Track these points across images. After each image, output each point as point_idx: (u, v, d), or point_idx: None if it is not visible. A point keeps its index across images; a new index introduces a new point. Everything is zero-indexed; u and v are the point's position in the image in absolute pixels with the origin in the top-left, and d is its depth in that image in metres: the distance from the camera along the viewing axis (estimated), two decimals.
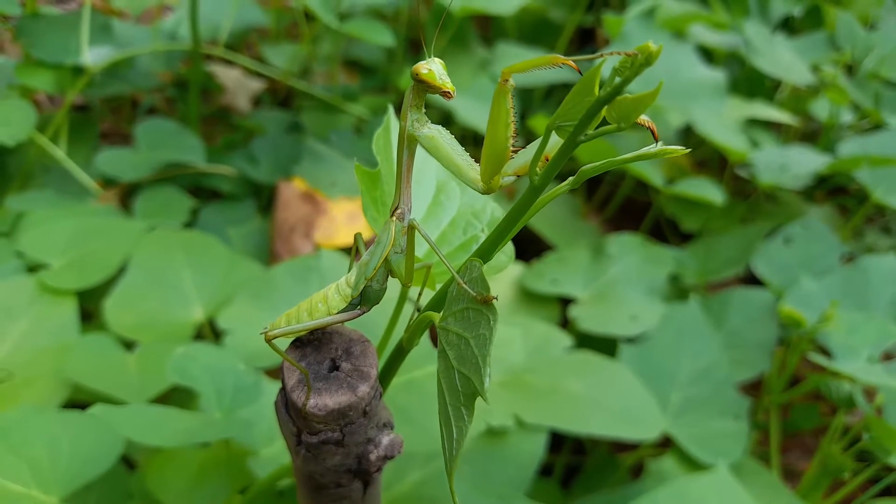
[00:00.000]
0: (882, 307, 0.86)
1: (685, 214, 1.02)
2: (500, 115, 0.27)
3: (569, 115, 0.25)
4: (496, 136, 0.28)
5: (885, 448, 0.75)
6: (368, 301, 0.34)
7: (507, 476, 0.63)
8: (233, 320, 0.70)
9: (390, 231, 0.32)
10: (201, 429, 0.47)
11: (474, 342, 0.25)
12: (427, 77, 0.29)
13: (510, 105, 0.27)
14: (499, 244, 0.29)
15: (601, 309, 0.82)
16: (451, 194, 0.38)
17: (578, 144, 0.25)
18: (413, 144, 0.31)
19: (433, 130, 0.31)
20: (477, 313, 0.26)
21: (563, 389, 0.69)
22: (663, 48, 0.89)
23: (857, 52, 1.32)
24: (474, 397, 0.25)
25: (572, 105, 0.25)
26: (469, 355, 0.25)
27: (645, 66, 0.23)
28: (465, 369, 0.25)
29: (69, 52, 0.99)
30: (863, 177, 1.01)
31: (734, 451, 0.74)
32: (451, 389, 0.26)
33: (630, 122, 0.25)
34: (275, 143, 1.02)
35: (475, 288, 0.26)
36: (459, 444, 0.26)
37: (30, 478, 0.55)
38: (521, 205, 0.28)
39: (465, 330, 0.26)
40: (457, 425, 0.26)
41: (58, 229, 0.83)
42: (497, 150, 0.28)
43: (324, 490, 0.39)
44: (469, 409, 0.25)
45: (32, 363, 0.72)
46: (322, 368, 0.35)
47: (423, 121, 0.31)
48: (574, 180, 0.28)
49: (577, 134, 0.25)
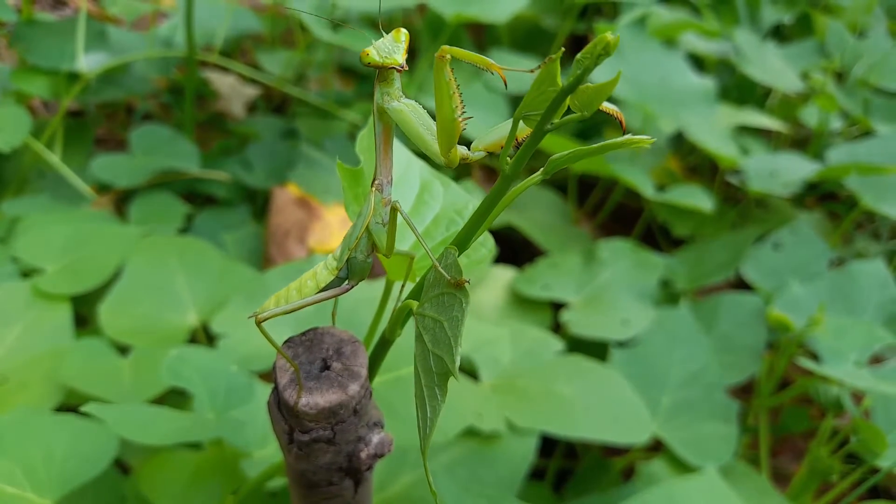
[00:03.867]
0: (869, 311, 0.87)
1: (676, 220, 1.03)
2: (442, 89, 0.29)
3: (534, 105, 0.26)
4: (442, 108, 0.29)
5: (873, 450, 0.75)
6: (355, 274, 0.35)
7: (497, 479, 0.63)
8: (227, 325, 0.71)
9: (370, 202, 0.33)
10: (193, 428, 0.47)
11: (447, 324, 0.26)
12: (368, 59, 0.30)
13: (449, 78, 0.29)
14: (475, 233, 0.30)
15: (592, 314, 0.83)
16: (434, 193, 0.39)
17: (546, 133, 0.26)
18: (385, 118, 0.32)
19: (403, 104, 0.32)
20: (451, 297, 0.27)
21: (555, 393, 0.70)
22: (653, 55, 0.90)
23: (846, 60, 1.34)
24: (447, 377, 0.26)
25: (536, 95, 0.26)
26: (443, 337, 0.26)
27: (604, 56, 0.24)
28: (438, 350, 0.27)
29: (64, 58, 1.00)
30: (852, 184, 1.02)
31: (724, 454, 0.75)
32: (426, 371, 0.27)
33: (593, 110, 0.26)
34: (269, 149, 1.02)
35: (450, 272, 0.28)
36: (433, 423, 0.27)
37: (24, 480, 0.56)
38: (494, 194, 0.29)
39: (440, 314, 0.27)
40: (431, 405, 0.27)
41: (53, 234, 0.84)
42: (446, 122, 0.29)
43: (316, 488, 0.39)
44: (442, 388, 0.27)
45: (27, 368, 0.73)
46: (314, 368, 0.35)
47: (395, 95, 0.32)
48: (545, 170, 0.29)
49: (545, 123, 0.26)
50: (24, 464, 0.56)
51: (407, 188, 0.39)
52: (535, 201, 1.03)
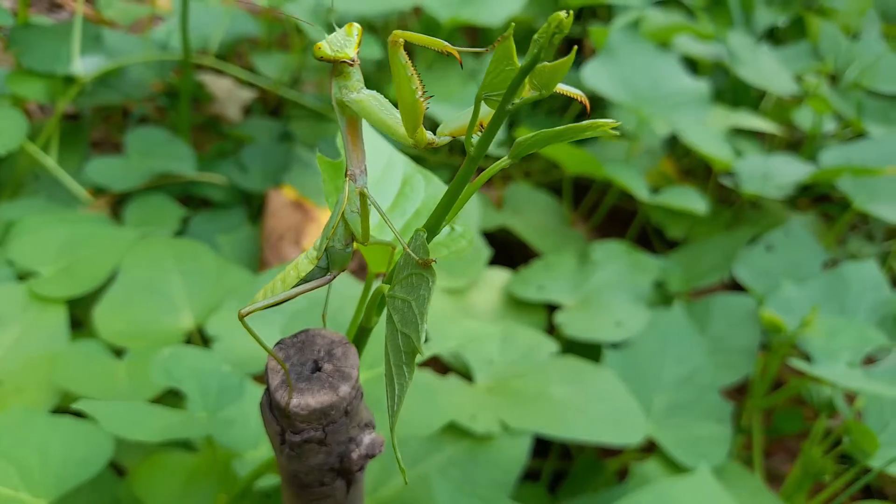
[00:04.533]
0: (862, 313, 0.88)
1: (670, 222, 1.03)
2: (399, 70, 0.29)
3: (494, 86, 0.27)
4: (401, 90, 0.30)
5: (865, 451, 0.76)
6: (335, 264, 0.36)
7: (491, 480, 0.63)
8: (222, 327, 0.71)
9: (345, 191, 0.33)
10: (184, 425, 0.48)
11: (415, 303, 0.27)
12: (320, 54, 0.31)
13: (405, 61, 0.29)
14: (445, 215, 0.31)
15: (587, 315, 0.83)
16: (416, 186, 0.40)
17: (508, 113, 0.27)
18: (347, 111, 0.33)
19: (363, 95, 0.32)
20: (419, 277, 0.28)
21: (549, 395, 0.70)
22: (647, 58, 0.91)
23: (839, 62, 1.35)
24: (414, 354, 0.27)
25: (495, 75, 0.26)
26: (410, 316, 0.27)
27: (559, 35, 0.24)
28: (406, 329, 0.27)
29: (60, 61, 1.00)
30: (844, 185, 1.03)
31: (718, 454, 0.75)
32: (395, 351, 0.28)
33: (551, 89, 0.26)
34: (265, 151, 1.03)
35: (418, 253, 0.28)
36: (401, 400, 0.29)
37: (19, 481, 0.56)
38: (462, 176, 0.30)
39: (409, 294, 0.28)
40: (398, 382, 0.29)
41: (48, 237, 0.84)
42: (407, 103, 0.30)
43: (308, 489, 0.39)
44: (409, 366, 0.27)
45: (22, 371, 0.73)
46: (305, 369, 0.36)
47: (354, 87, 0.32)
48: (511, 153, 0.29)
49: (506, 103, 0.27)
50: (19, 465, 0.56)
51: (389, 182, 0.40)
52: (530, 204, 1.03)
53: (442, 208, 0.31)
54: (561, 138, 0.28)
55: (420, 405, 0.49)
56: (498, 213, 1.02)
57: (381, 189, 0.40)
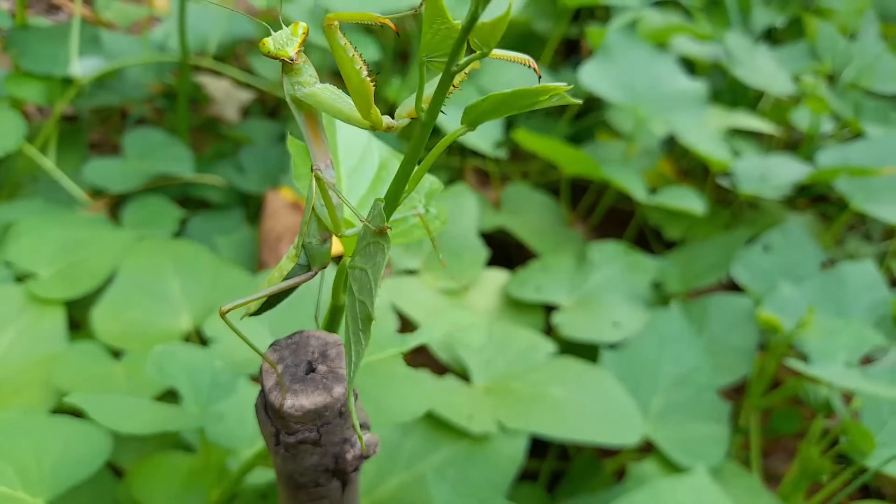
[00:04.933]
0: (859, 313, 0.88)
1: (668, 223, 1.03)
2: (340, 53, 0.29)
3: (434, 47, 0.27)
4: (346, 72, 0.30)
5: (862, 451, 0.76)
6: (315, 260, 0.36)
7: (488, 480, 0.64)
8: (219, 328, 0.71)
9: (312, 187, 0.34)
10: (175, 418, 0.48)
11: (370, 270, 0.27)
12: (265, 49, 0.31)
13: (344, 42, 0.29)
14: (403, 186, 0.31)
15: (584, 316, 0.83)
16: (391, 170, 0.40)
17: (454, 75, 0.27)
18: (303, 106, 0.33)
19: (315, 89, 0.32)
20: (375, 246, 0.28)
21: (546, 395, 0.70)
22: (644, 58, 0.91)
23: (837, 63, 1.35)
24: (370, 321, 0.27)
25: (431, 35, 0.26)
26: (366, 283, 0.28)
27: None
28: (363, 297, 0.28)
29: (58, 63, 1.00)
30: (842, 186, 1.03)
31: (715, 454, 0.75)
32: (353, 319, 0.29)
33: (492, 47, 0.26)
34: (263, 153, 1.03)
35: (374, 223, 0.28)
36: (357, 366, 0.29)
37: (16, 480, 0.56)
38: (415, 143, 0.30)
39: (366, 263, 0.28)
40: (355, 350, 0.29)
41: (46, 239, 0.84)
42: (355, 84, 0.30)
43: (303, 489, 0.39)
44: (366, 332, 0.28)
45: (21, 373, 0.73)
46: (299, 371, 0.36)
47: (307, 83, 0.32)
48: (464, 118, 0.29)
49: (451, 64, 0.26)
50: (16, 464, 0.56)
51: (366, 167, 0.41)
52: (527, 204, 1.04)
53: (399, 179, 0.31)
54: (514, 103, 0.27)
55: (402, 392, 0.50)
56: (496, 213, 1.02)
57: (359, 175, 0.40)
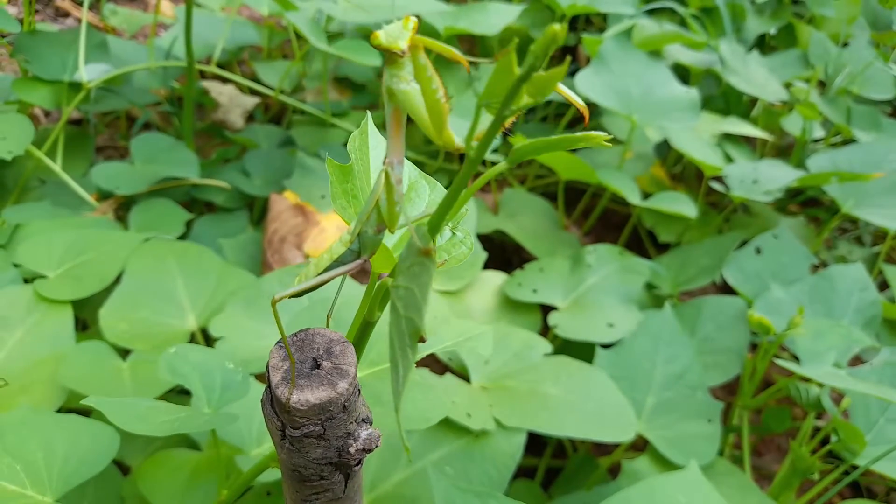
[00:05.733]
0: (849, 314, 0.90)
1: (663, 226, 1.06)
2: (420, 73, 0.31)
3: (494, 95, 0.29)
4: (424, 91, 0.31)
5: (852, 449, 0.78)
6: (366, 248, 0.37)
7: (486, 476, 0.65)
8: (225, 328, 0.73)
9: (381, 179, 0.35)
10: (190, 420, 0.49)
11: (418, 289, 0.29)
12: (376, 42, 0.32)
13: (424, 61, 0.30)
14: (446, 214, 0.33)
15: (580, 317, 0.85)
16: (420, 192, 0.42)
17: (506, 118, 0.29)
18: (394, 99, 0.34)
19: (411, 87, 0.33)
20: (420, 266, 0.29)
21: (542, 393, 0.72)
22: (639, 66, 0.93)
23: (829, 70, 1.37)
24: (417, 334, 0.29)
25: (496, 85, 0.28)
26: (413, 301, 0.29)
27: (553, 45, 0.26)
28: (410, 313, 0.29)
29: (66, 68, 1.02)
30: (832, 190, 1.05)
31: (708, 452, 0.77)
32: (399, 335, 0.30)
33: (545, 96, 0.28)
34: (267, 157, 1.05)
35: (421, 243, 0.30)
36: (406, 380, 0.30)
37: (25, 478, 0.57)
38: (463, 176, 0.32)
39: (411, 282, 0.30)
40: (403, 364, 0.30)
41: (54, 241, 0.85)
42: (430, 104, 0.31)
43: (308, 482, 0.41)
44: (413, 347, 0.29)
45: (29, 371, 0.74)
46: (304, 367, 0.38)
47: (404, 78, 0.33)
48: (508, 159, 0.31)
49: (504, 109, 0.28)
50: (25, 462, 0.57)
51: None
52: (525, 207, 1.06)
53: (444, 207, 0.33)
54: (556, 147, 0.30)
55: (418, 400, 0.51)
56: (494, 217, 1.04)
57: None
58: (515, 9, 1.11)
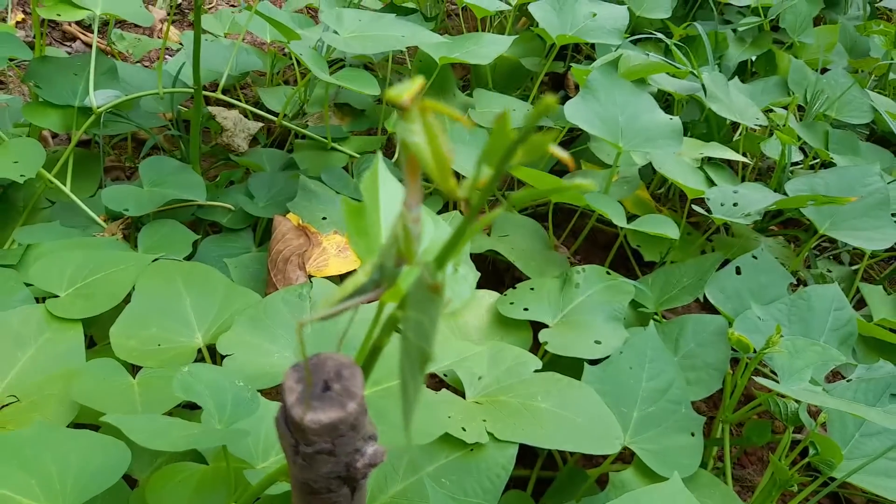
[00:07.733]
0: (824, 333, 0.94)
1: (648, 246, 1.10)
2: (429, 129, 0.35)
3: (492, 154, 0.33)
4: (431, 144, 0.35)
5: (829, 462, 0.82)
6: (385, 280, 0.41)
7: (481, 487, 0.69)
8: (232, 346, 0.76)
9: (400, 220, 0.39)
10: (203, 436, 0.52)
11: (427, 321, 0.33)
12: (388, 97, 0.36)
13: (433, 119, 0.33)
14: (449, 254, 0.37)
15: (568, 334, 0.89)
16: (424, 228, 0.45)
17: (503, 172, 0.33)
18: (406, 149, 0.38)
19: (421, 140, 0.37)
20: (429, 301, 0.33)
21: (533, 408, 0.75)
22: (624, 95, 1.00)
23: (808, 95, 1.43)
24: (427, 361, 0.32)
25: (494, 145, 0.33)
26: (423, 330, 0.33)
27: (546, 113, 0.31)
28: (420, 341, 0.33)
29: (76, 94, 1.06)
30: (809, 213, 1.10)
31: (691, 465, 0.81)
32: (409, 360, 0.33)
33: (537, 156, 0.33)
34: (270, 179, 1.08)
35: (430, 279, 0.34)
36: (416, 400, 0.33)
37: (39, 492, 0.58)
38: (466, 221, 0.36)
39: (420, 314, 0.33)
40: (413, 386, 0.33)
41: (65, 261, 0.88)
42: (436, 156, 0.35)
43: (317, 495, 0.45)
44: (422, 371, 0.33)
45: (40, 388, 0.76)
46: (316, 389, 0.41)
47: (415, 132, 0.37)
48: (507, 205, 0.36)
49: (502, 166, 0.33)
50: (39, 476, 0.59)
51: None
52: (516, 228, 1.10)
53: (449, 246, 0.37)
54: (548, 193, 0.34)
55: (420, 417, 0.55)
56: (487, 237, 1.08)
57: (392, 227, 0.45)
58: (507, 39, 1.16)
